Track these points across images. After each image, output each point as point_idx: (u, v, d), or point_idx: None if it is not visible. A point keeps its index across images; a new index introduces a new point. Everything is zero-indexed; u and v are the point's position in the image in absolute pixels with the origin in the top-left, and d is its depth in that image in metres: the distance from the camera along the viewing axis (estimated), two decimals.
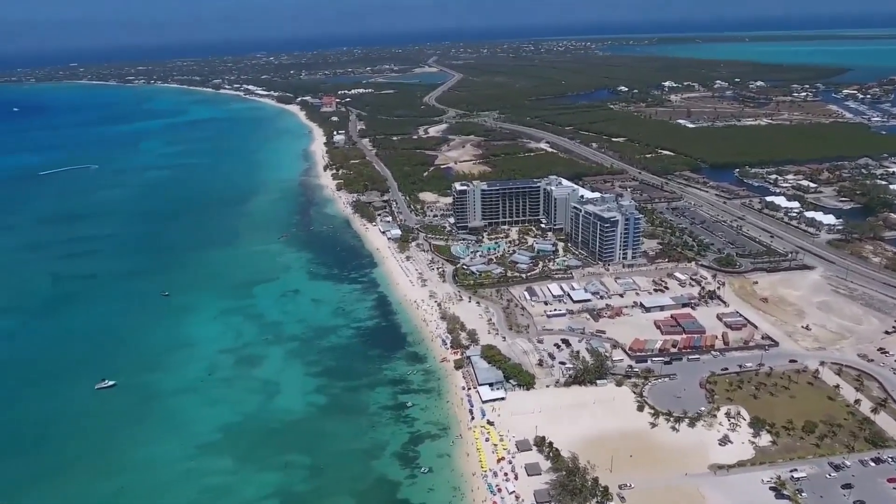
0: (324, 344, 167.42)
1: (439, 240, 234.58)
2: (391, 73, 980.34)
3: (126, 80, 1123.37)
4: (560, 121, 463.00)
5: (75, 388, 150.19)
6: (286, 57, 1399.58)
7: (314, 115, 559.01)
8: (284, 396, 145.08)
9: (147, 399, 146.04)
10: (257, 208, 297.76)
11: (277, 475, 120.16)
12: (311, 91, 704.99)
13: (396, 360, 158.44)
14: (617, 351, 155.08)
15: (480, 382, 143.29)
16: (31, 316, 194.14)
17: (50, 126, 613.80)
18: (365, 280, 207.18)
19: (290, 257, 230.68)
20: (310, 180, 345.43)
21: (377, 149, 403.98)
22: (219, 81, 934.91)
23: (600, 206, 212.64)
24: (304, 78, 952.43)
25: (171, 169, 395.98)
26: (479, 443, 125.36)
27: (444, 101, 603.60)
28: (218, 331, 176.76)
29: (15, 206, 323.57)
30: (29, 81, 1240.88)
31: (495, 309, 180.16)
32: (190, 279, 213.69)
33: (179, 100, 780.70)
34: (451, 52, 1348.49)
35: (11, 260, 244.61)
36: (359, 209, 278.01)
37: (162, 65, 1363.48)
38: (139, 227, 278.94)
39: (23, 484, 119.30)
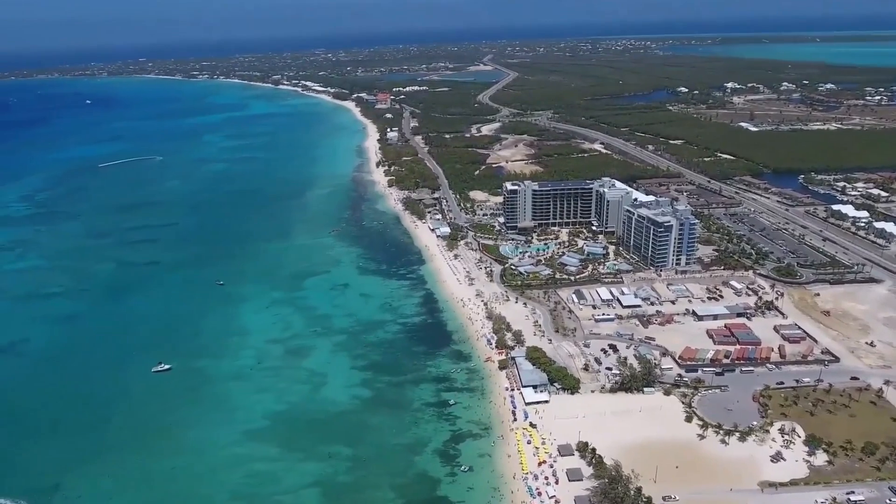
0: (370, 338, 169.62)
1: (488, 239, 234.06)
2: (446, 70, 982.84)
3: (191, 74, 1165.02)
4: (616, 121, 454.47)
5: (134, 370, 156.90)
6: (344, 54, 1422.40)
7: (369, 111, 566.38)
8: (330, 388, 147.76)
9: (199, 384, 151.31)
10: (311, 202, 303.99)
11: (320, 465, 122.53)
12: (367, 88, 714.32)
13: (441, 357, 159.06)
14: (666, 359, 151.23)
15: (524, 384, 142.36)
16: (96, 299, 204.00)
17: (119, 118, 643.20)
18: (413, 277, 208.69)
19: (340, 251, 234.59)
20: (362, 176, 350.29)
21: (429, 146, 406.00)
22: (278, 77, 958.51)
23: (654, 210, 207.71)
24: (360, 75, 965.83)
25: (231, 162, 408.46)
26: (521, 445, 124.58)
27: (498, 99, 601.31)
28: (268, 321, 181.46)
29: (85, 194, 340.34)
30: (101, 75, 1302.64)
31: (542, 311, 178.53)
32: (244, 269, 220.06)
33: (240, 94, 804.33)
34: (507, 51, 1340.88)
35: (80, 245, 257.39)
36: (409, 206, 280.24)
37: (225, 60, 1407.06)
38: (198, 218, 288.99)
39: (85, 458, 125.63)
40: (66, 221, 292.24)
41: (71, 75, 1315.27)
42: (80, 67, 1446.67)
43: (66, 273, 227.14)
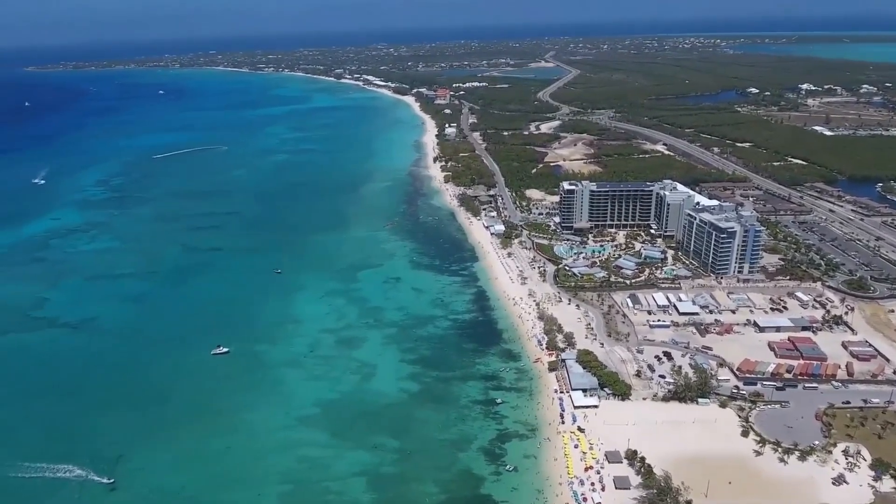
0: (421, 332, 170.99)
1: (543, 238, 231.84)
2: (506, 67, 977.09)
3: (257, 67, 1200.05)
4: (680, 122, 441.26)
5: (194, 351, 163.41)
6: (405, 49, 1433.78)
7: (428, 106, 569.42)
8: (379, 379, 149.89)
9: (255, 368, 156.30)
10: (367, 195, 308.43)
11: (367, 455, 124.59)
12: (427, 83, 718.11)
13: (490, 355, 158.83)
14: (723, 370, 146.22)
15: (574, 387, 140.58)
16: (163, 281, 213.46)
17: (189, 108, 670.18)
18: (465, 273, 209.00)
19: (394, 245, 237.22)
20: (419, 171, 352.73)
21: (487, 143, 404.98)
22: (340, 71, 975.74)
23: (717, 215, 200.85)
24: (420, 70, 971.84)
25: (292, 153, 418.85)
26: (568, 448, 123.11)
27: (559, 97, 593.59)
28: (322, 310, 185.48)
29: (156, 180, 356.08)
30: (174, 66, 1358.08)
31: (595, 313, 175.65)
32: (301, 259, 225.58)
33: (304, 87, 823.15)
34: (570, 48, 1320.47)
35: (149, 229, 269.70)
36: (464, 202, 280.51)
37: (290, 54, 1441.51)
38: (260, 207, 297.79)
39: (146, 432, 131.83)
40: (138, 206, 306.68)
41: (146, 66, 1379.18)
42: (155, 58, 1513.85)
43: (137, 255, 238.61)
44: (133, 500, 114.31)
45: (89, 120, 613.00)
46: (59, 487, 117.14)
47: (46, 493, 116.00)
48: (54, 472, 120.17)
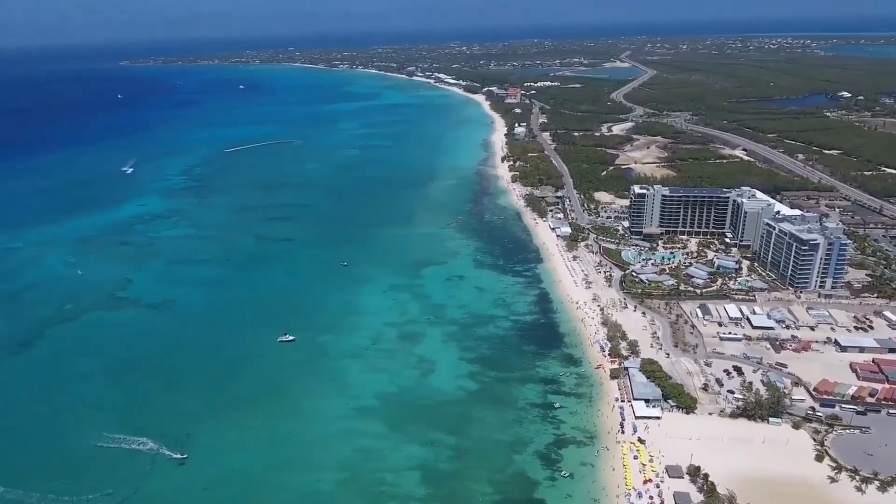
0: (481, 332, 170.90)
1: (610, 243, 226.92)
2: (580, 66, 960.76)
3: (332, 64, 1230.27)
4: (762, 127, 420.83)
5: (262, 337, 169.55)
6: (478, 47, 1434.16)
7: (498, 105, 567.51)
8: (438, 376, 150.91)
9: (319, 357, 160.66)
10: (434, 192, 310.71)
11: (422, 450, 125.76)
12: (498, 81, 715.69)
13: (550, 358, 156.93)
14: (798, 389, 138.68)
15: (636, 396, 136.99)
16: (235, 268, 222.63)
17: (267, 103, 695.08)
18: (529, 274, 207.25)
19: (459, 243, 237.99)
20: (486, 170, 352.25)
21: (556, 143, 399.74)
22: (413, 69, 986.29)
23: (799, 226, 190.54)
24: (492, 68, 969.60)
25: (362, 149, 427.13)
26: (627, 459, 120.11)
27: (633, 98, 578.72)
28: (386, 305, 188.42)
29: (233, 172, 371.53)
30: (254, 62, 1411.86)
31: (661, 322, 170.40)
32: (367, 253, 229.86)
33: (376, 84, 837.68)
34: (647, 48, 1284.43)
35: (226, 218, 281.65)
36: (531, 203, 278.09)
37: (364, 51, 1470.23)
38: (330, 200, 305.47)
39: (215, 412, 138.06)
40: (216, 195, 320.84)
41: (229, 62, 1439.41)
42: (237, 55, 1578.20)
43: (213, 242, 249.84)
44: (199, 476, 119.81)
45: (175, 112, 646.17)
46: (134, 458, 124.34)
47: (123, 462, 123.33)
48: (130, 444, 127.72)
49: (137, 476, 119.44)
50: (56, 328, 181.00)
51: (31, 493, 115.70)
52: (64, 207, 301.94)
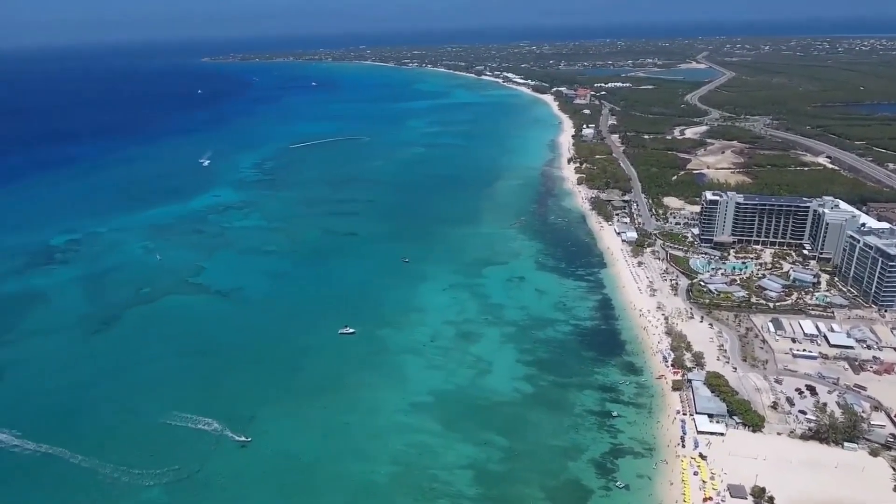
0: (540, 335, 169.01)
1: (678, 250, 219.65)
2: (653, 67, 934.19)
3: (402, 62, 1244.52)
4: (849, 133, 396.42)
5: (324, 328, 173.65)
6: (548, 47, 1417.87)
7: (566, 106, 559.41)
8: (494, 377, 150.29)
9: (378, 351, 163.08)
10: (498, 192, 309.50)
11: (476, 449, 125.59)
12: (567, 82, 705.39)
13: (610, 366, 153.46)
14: (878, 414, 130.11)
15: (699, 410, 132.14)
16: (301, 260, 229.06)
17: (337, 100, 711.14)
18: (591, 279, 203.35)
19: (521, 244, 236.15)
20: (552, 171, 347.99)
21: (625, 146, 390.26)
22: (481, 68, 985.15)
23: (887, 240, 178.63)
24: (561, 68, 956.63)
25: (429, 147, 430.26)
26: (686, 475, 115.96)
27: (708, 100, 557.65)
28: (445, 302, 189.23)
29: (302, 166, 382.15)
30: (327, 60, 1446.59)
31: (730, 335, 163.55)
32: (428, 250, 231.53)
33: (444, 83, 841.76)
34: (726, 48, 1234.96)
35: (294, 211, 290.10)
36: (596, 206, 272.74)
37: (433, 49, 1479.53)
38: (395, 197, 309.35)
39: (275, 398, 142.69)
40: (286, 189, 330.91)
41: (302, 59, 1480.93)
42: (310, 52, 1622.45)
43: (281, 234, 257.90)
44: (258, 459, 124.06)
45: (250, 107, 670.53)
46: (199, 437, 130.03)
47: (189, 440, 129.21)
48: (196, 424, 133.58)
49: (202, 455, 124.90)
50: (134, 309, 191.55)
51: (105, 462, 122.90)
52: (146, 196, 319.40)
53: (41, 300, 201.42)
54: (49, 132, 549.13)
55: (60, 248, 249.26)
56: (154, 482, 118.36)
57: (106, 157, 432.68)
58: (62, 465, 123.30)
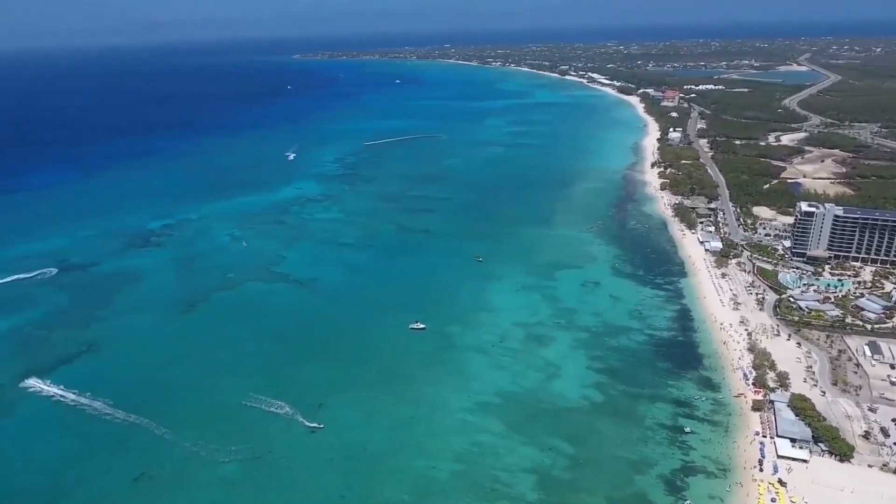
0: (612, 342, 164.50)
1: (766, 262, 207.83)
2: (749, 69, 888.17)
3: (485, 61, 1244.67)
4: None
5: (395, 322, 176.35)
6: (636, 46, 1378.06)
7: (653, 108, 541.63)
8: (562, 382, 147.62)
9: (446, 348, 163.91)
10: (576, 194, 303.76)
11: (539, 454, 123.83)
12: (655, 83, 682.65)
13: (685, 380, 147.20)
14: None
15: (780, 433, 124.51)
16: (376, 254, 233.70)
17: (419, 97, 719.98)
18: (670, 288, 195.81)
19: (597, 248, 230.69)
20: (634, 175, 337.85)
21: (714, 151, 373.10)
22: (566, 67, 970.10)
23: None
24: (650, 69, 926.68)
25: (507, 146, 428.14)
26: (763, 500, 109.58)
27: (809, 105, 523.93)
28: (516, 303, 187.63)
29: (381, 162, 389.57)
30: (411, 58, 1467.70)
31: (819, 356, 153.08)
32: (502, 250, 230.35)
33: (526, 83, 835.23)
34: (831, 49, 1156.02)
35: (371, 206, 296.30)
36: (679, 213, 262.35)
37: (518, 48, 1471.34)
38: (470, 195, 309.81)
39: (345, 387, 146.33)
40: (364, 184, 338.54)
41: (388, 57, 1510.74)
42: (396, 50, 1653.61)
43: (358, 228, 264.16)
44: (325, 445, 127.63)
45: (336, 103, 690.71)
46: (271, 420, 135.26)
47: (262, 422, 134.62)
48: (269, 407, 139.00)
49: (273, 436, 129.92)
50: (219, 293, 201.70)
51: (185, 436, 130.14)
52: (234, 186, 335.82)
53: (137, 280, 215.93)
54: (148, 124, 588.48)
55: (156, 232, 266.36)
56: (228, 459, 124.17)
57: (200, 147, 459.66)
58: (147, 436, 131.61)
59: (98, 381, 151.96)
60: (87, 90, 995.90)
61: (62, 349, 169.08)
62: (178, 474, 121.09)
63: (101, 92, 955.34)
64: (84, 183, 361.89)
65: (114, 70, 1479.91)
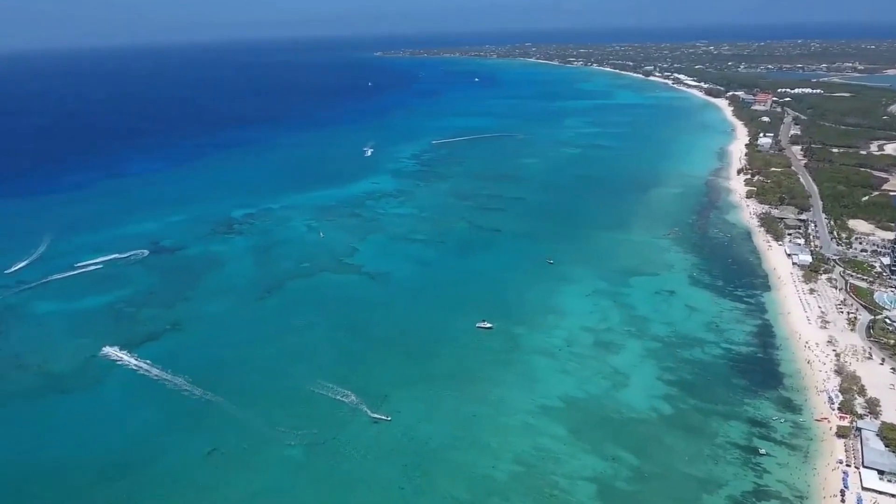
0: (685, 354, 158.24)
1: (861, 280, 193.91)
2: (853, 72, 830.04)
3: (567, 60, 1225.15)
4: None
5: (462, 320, 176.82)
6: (727, 47, 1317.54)
7: (742, 112, 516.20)
8: (630, 391, 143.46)
9: (512, 349, 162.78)
10: (654, 199, 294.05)
11: (602, 463, 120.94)
12: (746, 86, 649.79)
13: (763, 399, 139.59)
14: None
15: (867, 464, 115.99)
16: (446, 250, 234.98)
17: (496, 96, 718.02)
18: (751, 302, 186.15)
19: (674, 256, 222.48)
20: (718, 181, 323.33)
21: (808, 159, 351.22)
22: (650, 68, 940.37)
23: None
24: (741, 70, 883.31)
25: (584, 148, 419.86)
26: None
27: None
28: (586, 308, 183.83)
29: (457, 160, 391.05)
30: (492, 56, 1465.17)
31: None
32: (574, 253, 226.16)
33: (608, 83, 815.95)
34: None
35: (445, 203, 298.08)
36: (766, 223, 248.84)
37: (600, 48, 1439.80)
38: (544, 196, 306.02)
39: (410, 381, 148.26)
40: (439, 181, 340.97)
41: (468, 55, 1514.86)
42: (476, 48, 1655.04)
43: (430, 224, 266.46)
44: (387, 436, 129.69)
45: (414, 100, 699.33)
46: (337, 407, 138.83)
47: (329, 409, 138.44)
48: (335, 394, 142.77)
49: (338, 424, 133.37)
50: (294, 281, 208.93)
51: (256, 416, 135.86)
52: (313, 178, 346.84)
53: (219, 264, 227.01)
54: (237, 117, 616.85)
55: (239, 220, 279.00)
56: (295, 442, 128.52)
57: (283, 141, 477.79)
58: (220, 413, 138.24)
59: (179, 358, 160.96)
60: (186, 83, 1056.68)
61: (149, 326, 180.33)
62: (247, 452, 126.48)
63: (198, 86, 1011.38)
64: (177, 171, 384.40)
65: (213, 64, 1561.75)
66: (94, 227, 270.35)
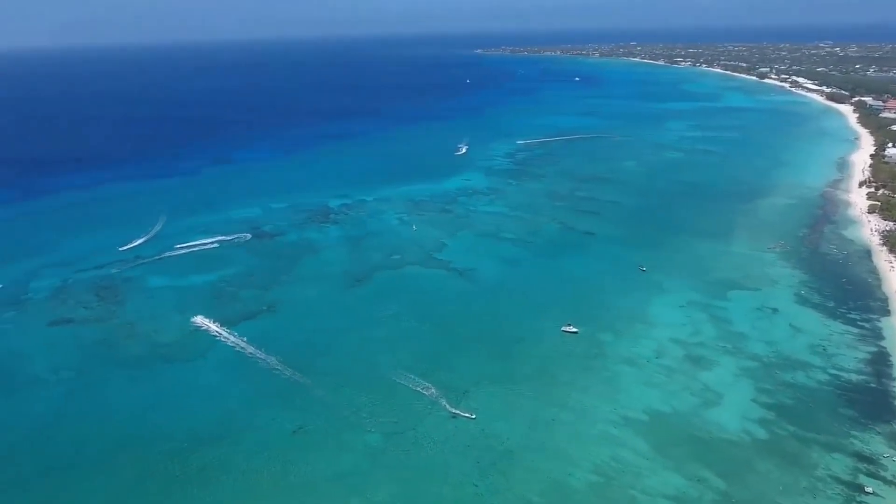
0: (786, 377, 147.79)
1: None
2: None
3: (674, 60, 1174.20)
4: None
5: (547, 322, 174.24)
6: (855, 48, 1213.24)
7: (868, 119, 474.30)
8: (721, 410, 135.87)
9: (597, 355, 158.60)
10: (761, 210, 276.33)
11: (685, 483, 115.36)
12: (875, 91, 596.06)
13: (873, 432, 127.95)
14: None
15: None
16: (535, 251, 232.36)
17: (596, 95, 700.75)
18: (866, 326, 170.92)
19: (779, 271, 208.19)
20: (835, 193, 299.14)
21: None
22: (766, 70, 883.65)
23: None
24: (870, 74, 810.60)
25: (687, 152, 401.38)
26: None
27: None
28: (678, 320, 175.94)
29: (552, 160, 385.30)
30: (594, 55, 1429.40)
31: None
32: (669, 261, 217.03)
33: (717, 85, 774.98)
34: None
35: (536, 203, 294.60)
36: (890, 242, 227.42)
37: (710, 48, 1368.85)
38: (641, 201, 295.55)
39: (489, 379, 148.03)
40: (531, 180, 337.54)
41: (570, 54, 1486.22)
42: (578, 47, 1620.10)
43: (520, 223, 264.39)
44: (464, 432, 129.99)
45: (511, 98, 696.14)
46: (417, 399, 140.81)
47: (409, 400, 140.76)
48: (416, 386, 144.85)
49: (417, 415, 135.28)
50: (383, 272, 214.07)
51: (339, 400, 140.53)
52: (407, 172, 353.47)
53: (314, 251, 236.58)
54: (340, 110, 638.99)
55: (334, 210, 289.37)
56: (375, 429, 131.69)
57: (381, 134, 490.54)
58: (306, 394, 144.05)
59: (272, 338, 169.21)
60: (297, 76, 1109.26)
61: (248, 306, 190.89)
62: (329, 433, 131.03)
63: (306, 78, 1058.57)
64: (279, 161, 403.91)
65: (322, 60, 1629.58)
66: (204, 210, 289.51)
